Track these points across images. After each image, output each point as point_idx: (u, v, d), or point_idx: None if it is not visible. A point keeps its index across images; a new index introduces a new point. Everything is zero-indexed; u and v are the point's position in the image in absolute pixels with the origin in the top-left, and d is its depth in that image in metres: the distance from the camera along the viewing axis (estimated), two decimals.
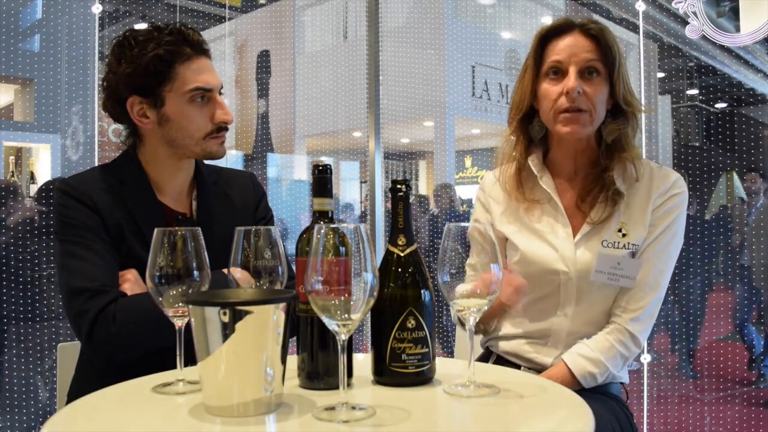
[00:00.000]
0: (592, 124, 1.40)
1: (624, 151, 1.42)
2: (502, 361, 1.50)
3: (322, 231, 0.87)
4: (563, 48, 1.40)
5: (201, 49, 1.43)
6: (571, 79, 1.37)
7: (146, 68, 1.36)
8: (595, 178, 1.43)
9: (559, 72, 1.40)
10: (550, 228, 1.44)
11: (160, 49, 1.36)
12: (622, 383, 1.48)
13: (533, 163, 1.47)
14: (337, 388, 0.90)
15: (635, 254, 1.41)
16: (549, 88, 1.41)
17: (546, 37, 1.43)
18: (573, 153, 1.47)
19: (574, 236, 1.42)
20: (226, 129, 1.46)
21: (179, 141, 1.42)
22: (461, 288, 1.00)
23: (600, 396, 1.38)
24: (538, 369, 1.43)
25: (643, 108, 1.45)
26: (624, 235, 1.40)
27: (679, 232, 1.43)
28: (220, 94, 1.46)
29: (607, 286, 1.39)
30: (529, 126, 1.49)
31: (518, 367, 1.46)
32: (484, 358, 1.54)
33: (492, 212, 1.53)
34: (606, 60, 1.38)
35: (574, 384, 1.35)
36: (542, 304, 1.45)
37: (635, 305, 1.39)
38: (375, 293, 0.87)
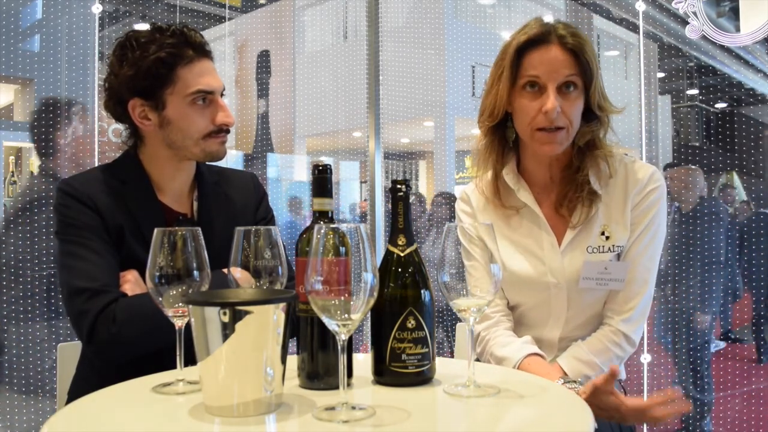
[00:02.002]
0: (568, 140, 1.40)
1: (596, 149, 1.42)
2: None
3: (322, 231, 0.87)
4: (541, 62, 1.35)
5: (203, 51, 1.43)
6: (551, 99, 1.33)
7: (148, 71, 1.36)
8: (570, 180, 1.43)
9: (536, 86, 1.36)
10: (534, 239, 1.44)
11: (162, 52, 1.36)
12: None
13: (509, 177, 1.46)
14: (337, 388, 0.90)
15: (621, 255, 1.41)
16: (527, 104, 1.37)
17: (523, 48, 1.38)
18: (547, 162, 1.46)
19: (559, 244, 1.42)
20: (228, 131, 1.46)
21: (179, 143, 1.42)
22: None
23: None
24: None
25: (614, 108, 1.43)
26: (607, 238, 1.40)
27: (661, 227, 1.43)
28: (222, 95, 1.45)
29: (597, 291, 1.40)
30: (504, 130, 1.48)
31: None
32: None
33: (478, 222, 1.50)
34: (584, 74, 1.36)
35: None
36: (533, 313, 1.46)
37: (626, 306, 1.40)
38: (375, 293, 0.87)
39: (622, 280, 1.37)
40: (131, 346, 1.27)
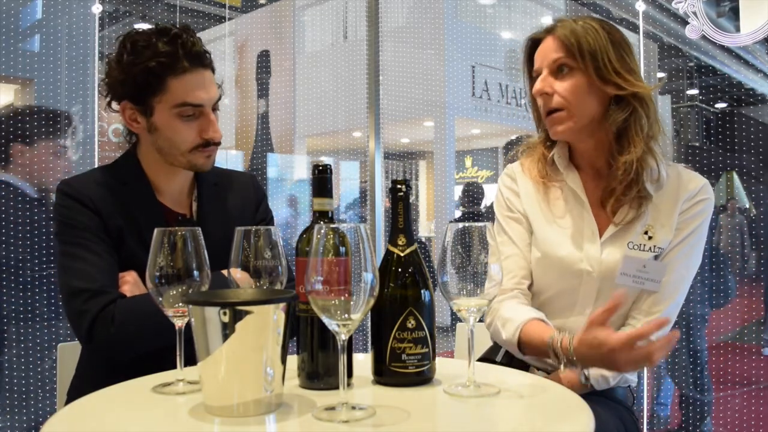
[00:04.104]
0: (573, 120, 1.38)
1: (633, 141, 1.35)
2: (510, 356, 1.47)
3: (322, 231, 0.87)
4: (538, 55, 1.44)
5: (199, 62, 1.39)
6: (537, 83, 1.41)
7: (136, 78, 1.36)
8: (614, 177, 1.38)
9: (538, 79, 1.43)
10: (576, 226, 1.43)
11: (153, 62, 1.34)
12: (628, 387, 1.47)
13: (560, 161, 1.47)
14: (337, 388, 0.90)
15: (659, 257, 1.39)
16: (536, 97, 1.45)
17: (531, 48, 1.48)
18: (587, 153, 1.46)
19: (600, 236, 1.41)
20: (218, 143, 1.44)
21: (166, 150, 1.42)
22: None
23: (606, 400, 1.37)
24: (549, 369, 1.41)
25: (635, 83, 1.36)
26: (650, 238, 1.38)
27: (702, 239, 1.42)
28: (216, 109, 1.43)
29: (630, 289, 1.37)
30: None
31: (527, 366, 1.44)
32: (493, 352, 1.53)
33: (522, 199, 1.50)
34: (571, 53, 1.37)
35: (586, 386, 1.35)
36: (560, 301, 1.44)
37: (655, 308, 1.37)
38: (375, 293, 0.87)
39: (658, 281, 1.35)
40: (129, 347, 1.27)
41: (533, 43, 1.48)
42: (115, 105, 1.44)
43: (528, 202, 1.49)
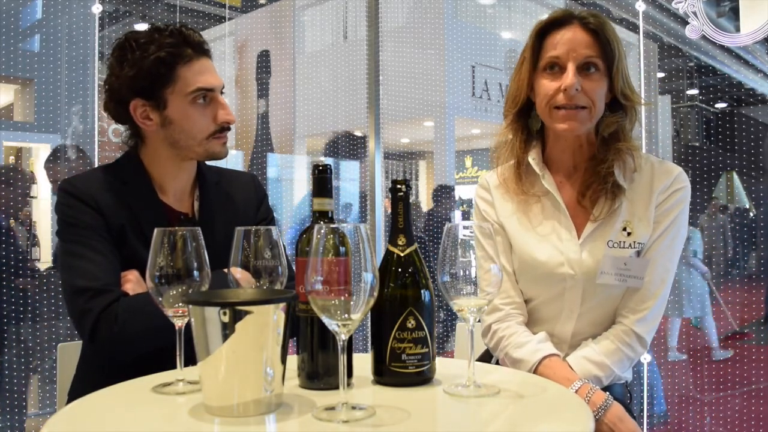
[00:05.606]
0: (591, 121, 1.38)
1: (620, 141, 1.40)
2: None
3: (322, 231, 0.87)
4: (561, 43, 1.36)
5: (202, 50, 1.43)
6: (569, 76, 1.33)
7: (148, 71, 1.37)
8: (594, 172, 1.40)
9: (556, 67, 1.37)
10: (553, 229, 1.42)
11: (162, 52, 1.36)
12: (624, 383, 1.47)
13: (534, 161, 1.45)
14: (337, 388, 0.90)
15: (640, 252, 1.39)
16: (546, 84, 1.38)
17: (544, 30, 1.40)
18: (571, 148, 1.45)
19: (578, 236, 1.40)
20: (229, 129, 1.47)
21: (182, 142, 1.42)
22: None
23: None
24: None
25: (642, 101, 1.42)
26: (629, 234, 1.38)
27: (682, 228, 1.42)
28: (222, 94, 1.46)
29: (614, 287, 1.37)
30: (528, 120, 1.47)
31: None
32: (486, 357, 1.54)
33: (497, 210, 1.49)
34: (605, 55, 1.35)
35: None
36: (547, 307, 1.44)
37: (642, 305, 1.37)
38: (375, 293, 0.87)
39: (641, 277, 1.35)
40: (133, 345, 1.27)
41: (549, 26, 1.40)
42: (113, 117, 1.44)
43: (503, 211, 1.48)
